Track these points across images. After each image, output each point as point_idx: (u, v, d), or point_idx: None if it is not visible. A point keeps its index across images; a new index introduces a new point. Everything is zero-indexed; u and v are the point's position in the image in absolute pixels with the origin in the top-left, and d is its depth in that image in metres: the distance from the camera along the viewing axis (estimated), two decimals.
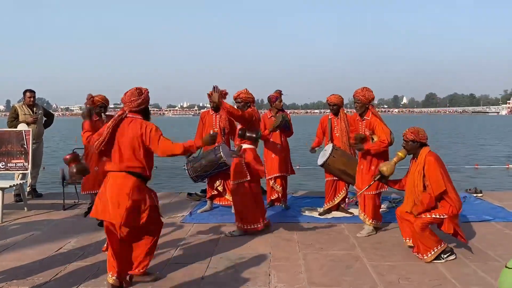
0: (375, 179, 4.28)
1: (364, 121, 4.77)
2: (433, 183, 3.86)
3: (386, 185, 4.45)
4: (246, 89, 4.93)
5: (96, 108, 5.03)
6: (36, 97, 6.68)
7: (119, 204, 3.21)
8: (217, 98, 4.50)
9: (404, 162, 4.28)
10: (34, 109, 6.65)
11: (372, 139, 4.65)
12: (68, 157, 3.85)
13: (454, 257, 3.97)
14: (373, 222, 4.75)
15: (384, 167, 4.18)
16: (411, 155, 4.11)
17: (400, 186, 4.28)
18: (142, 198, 3.32)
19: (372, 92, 4.72)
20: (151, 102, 3.71)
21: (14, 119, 6.46)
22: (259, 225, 4.78)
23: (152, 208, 3.40)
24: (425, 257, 3.91)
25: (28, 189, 6.86)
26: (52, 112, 7.07)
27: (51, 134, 37.07)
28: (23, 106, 6.58)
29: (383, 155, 4.66)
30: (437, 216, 3.90)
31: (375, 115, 4.70)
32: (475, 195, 6.62)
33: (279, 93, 5.89)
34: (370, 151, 4.64)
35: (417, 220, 3.90)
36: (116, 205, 3.21)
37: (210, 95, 4.67)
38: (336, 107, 5.56)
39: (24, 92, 6.66)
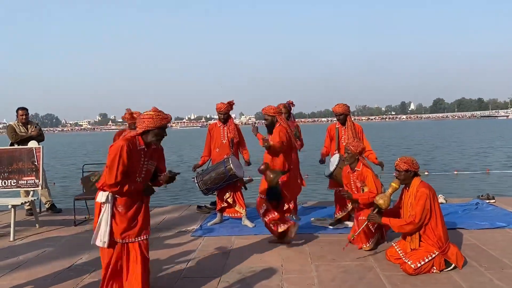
0: (373, 212, 4.17)
1: (355, 173, 4.77)
2: (418, 212, 3.84)
3: (378, 221, 4.18)
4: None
5: (132, 124, 5.21)
6: (45, 113, 6.80)
7: None
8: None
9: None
10: (28, 126, 6.74)
11: (363, 189, 4.66)
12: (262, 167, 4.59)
13: None
14: (369, 245, 4.57)
15: (381, 200, 4.07)
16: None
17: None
18: None
19: (362, 143, 4.87)
20: None
21: (15, 134, 6.59)
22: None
23: None
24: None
25: (47, 205, 6.93)
26: (43, 133, 6.96)
27: (62, 150, 37.45)
28: (18, 124, 6.69)
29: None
30: (429, 259, 3.83)
31: (366, 166, 4.75)
32: (487, 201, 6.54)
33: (283, 104, 5.84)
34: (358, 201, 4.62)
35: (410, 268, 3.82)
36: None
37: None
38: (342, 116, 5.57)
39: (17, 111, 6.76)
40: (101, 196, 3.23)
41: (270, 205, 4.71)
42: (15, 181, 6.01)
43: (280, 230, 4.73)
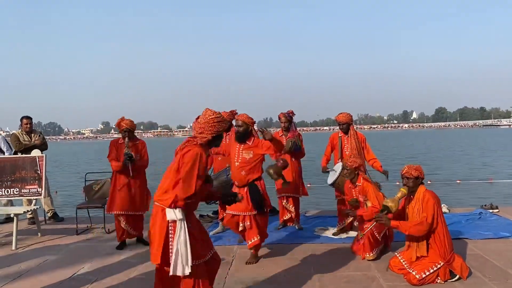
0: (382, 213, 4.05)
1: (356, 188, 4.83)
2: (429, 213, 3.82)
3: (387, 223, 4.05)
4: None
5: (122, 132, 5.22)
6: (48, 121, 6.84)
7: None
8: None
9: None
10: (32, 135, 6.78)
11: (366, 204, 4.66)
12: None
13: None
14: (373, 254, 4.55)
15: (392, 203, 3.98)
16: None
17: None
18: None
19: (359, 158, 4.91)
20: (161, 123, 3.70)
21: (19, 143, 6.61)
22: None
23: None
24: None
25: (49, 214, 6.94)
26: (46, 142, 7.01)
27: (64, 158, 37.51)
28: (22, 132, 6.72)
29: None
30: (434, 269, 3.81)
31: (366, 180, 4.79)
32: (491, 211, 6.51)
33: (283, 114, 5.86)
34: (363, 217, 4.61)
35: (415, 278, 3.79)
36: None
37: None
38: (345, 125, 5.59)
39: (21, 119, 6.80)
40: (173, 214, 2.82)
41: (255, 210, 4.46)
42: (17, 189, 6.03)
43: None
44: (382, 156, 23.92)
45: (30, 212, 6.53)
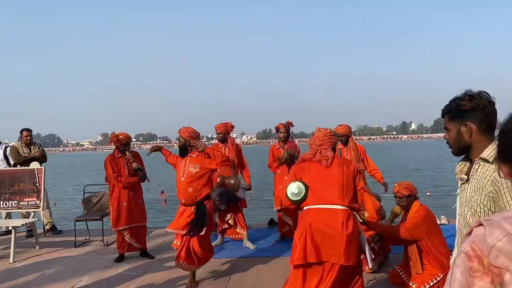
0: (374, 240, 4.06)
1: None
2: (411, 225, 3.75)
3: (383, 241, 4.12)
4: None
5: (120, 146, 5.21)
6: (47, 133, 6.84)
7: None
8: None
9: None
10: (32, 147, 6.79)
11: (364, 215, 4.65)
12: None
13: None
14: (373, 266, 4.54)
15: None
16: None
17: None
18: None
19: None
20: (160, 134, 3.69)
21: (18, 155, 6.63)
22: None
23: None
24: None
25: (47, 226, 6.92)
26: (45, 154, 7.01)
27: (64, 170, 37.45)
28: (21, 145, 6.73)
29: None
30: (434, 282, 3.74)
31: (364, 190, 4.76)
32: None
33: (282, 124, 5.91)
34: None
35: None
36: None
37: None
38: (344, 137, 5.60)
39: (21, 132, 6.82)
40: (358, 217, 3.32)
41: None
42: (16, 202, 6.01)
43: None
44: (383, 168, 23.86)
45: (28, 225, 6.52)
